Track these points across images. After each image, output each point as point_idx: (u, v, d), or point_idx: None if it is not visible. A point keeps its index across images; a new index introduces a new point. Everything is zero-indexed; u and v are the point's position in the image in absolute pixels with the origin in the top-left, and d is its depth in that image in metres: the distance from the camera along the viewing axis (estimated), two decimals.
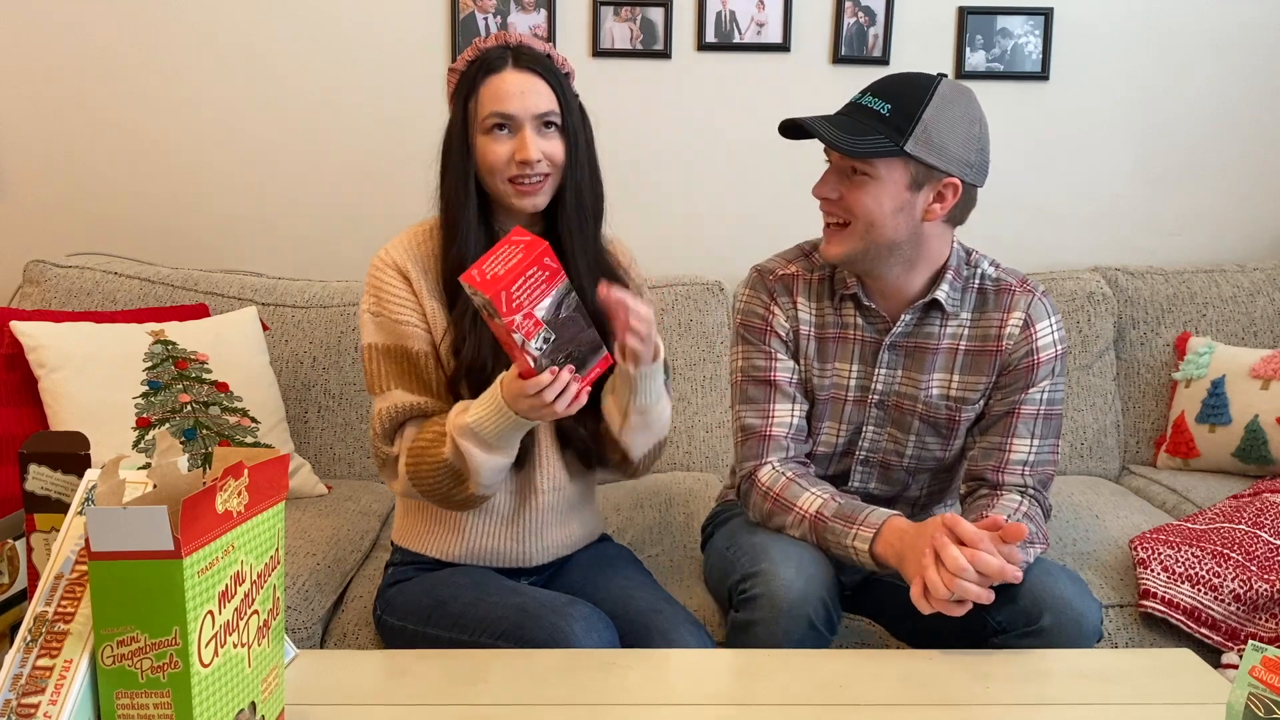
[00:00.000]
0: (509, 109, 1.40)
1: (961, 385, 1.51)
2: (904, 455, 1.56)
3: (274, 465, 0.99)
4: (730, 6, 2.43)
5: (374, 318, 1.46)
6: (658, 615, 1.41)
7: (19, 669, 0.87)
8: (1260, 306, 2.35)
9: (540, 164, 1.41)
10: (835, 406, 1.56)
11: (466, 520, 1.52)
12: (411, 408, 1.44)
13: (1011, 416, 1.49)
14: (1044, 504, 1.50)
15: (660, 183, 2.50)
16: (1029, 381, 1.49)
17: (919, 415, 1.53)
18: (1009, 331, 1.49)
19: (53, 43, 2.41)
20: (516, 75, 1.41)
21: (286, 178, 2.49)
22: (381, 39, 2.43)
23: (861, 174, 1.40)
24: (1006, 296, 1.51)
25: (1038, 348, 1.49)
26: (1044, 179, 2.55)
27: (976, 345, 1.51)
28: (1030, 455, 1.49)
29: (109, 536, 0.83)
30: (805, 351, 1.55)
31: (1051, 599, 1.37)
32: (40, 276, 2.21)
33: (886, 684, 1.19)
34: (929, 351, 1.51)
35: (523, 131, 1.40)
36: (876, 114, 1.39)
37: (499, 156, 1.40)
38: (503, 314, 1.21)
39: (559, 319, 1.26)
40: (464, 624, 1.40)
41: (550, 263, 1.24)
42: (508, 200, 1.43)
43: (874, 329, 1.53)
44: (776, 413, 1.53)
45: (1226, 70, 2.53)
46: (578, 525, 1.59)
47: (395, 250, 1.47)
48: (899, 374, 1.53)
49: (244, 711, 0.94)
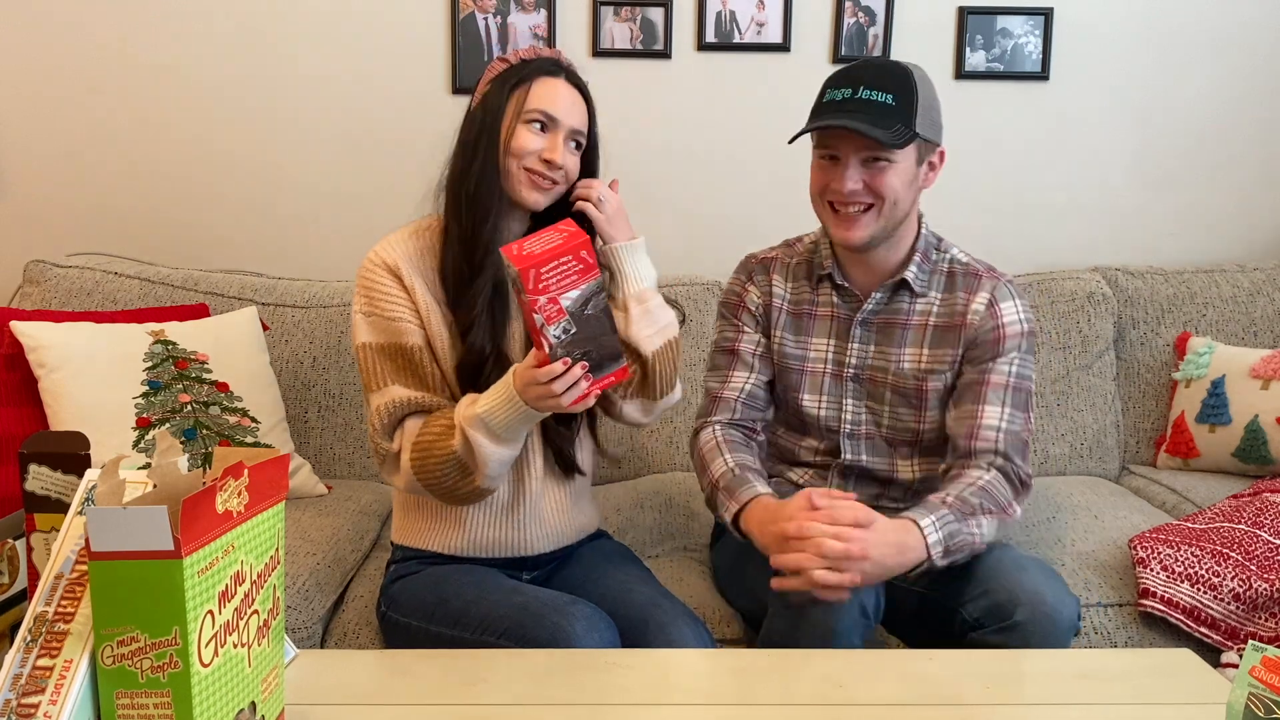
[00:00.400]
0: (556, 112, 1.46)
1: (930, 359, 1.58)
2: (881, 426, 1.63)
3: (274, 465, 0.99)
4: (730, 6, 2.43)
5: (366, 318, 1.48)
6: (656, 609, 1.42)
7: (19, 669, 0.87)
8: (1260, 306, 2.35)
9: (559, 171, 1.47)
10: (814, 379, 1.64)
11: (466, 512, 1.53)
12: (410, 402, 1.46)
13: (982, 385, 1.55)
14: (1016, 473, 1.52)
15: (660, 183, 2.50)
16: (996, 353, 1.55)
17: (890, 386, 1.60)
18: (975, 309, 1.57)
19: (53, 43, 2.41)
20: (569, 88, 1.49)
21: (287, 178, 2.49)
22: (382, 39, 2.43)
23: (883, 160, 1.47)
24: (974, 280, 1.59)
25: (1003, 323, 1.56)
26: (1044, 179, 2.55)
27: (944, 321, 1.58)
28: (1001, 422, 1.53)
29: (109, 536, 0.83)
30: (777, 323, 1.65)
31: (1025, 594, 1.38)
32: (40, 276, 2.21)
33: (886, 684, 1.19)
34: (899, 327, 1.59)
35: (557, 135, 1.46)
36: (885, 105, 1.46)
37: (530, 145, 1.45)
38: (528, 291, 1.24)
39: (583, 314, 1.28)
40: (466, 622, 1.41)
41: (587, 257, 1.27)
42: (515, 187, 1.47)
43: (847, 306, 1.62)
44: (733, 378, 1.64)
45: (1226, 70, 2.53)
46: (575, 515, 1.61)
47: (384, 250, 1.50)
48: (871, 349, 1.61)
49: (244, 711, 0.94)
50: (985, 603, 1.40)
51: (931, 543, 1.37)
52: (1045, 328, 2.28)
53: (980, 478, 1.49)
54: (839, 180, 1.48)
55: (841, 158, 1.49)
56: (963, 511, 1.42)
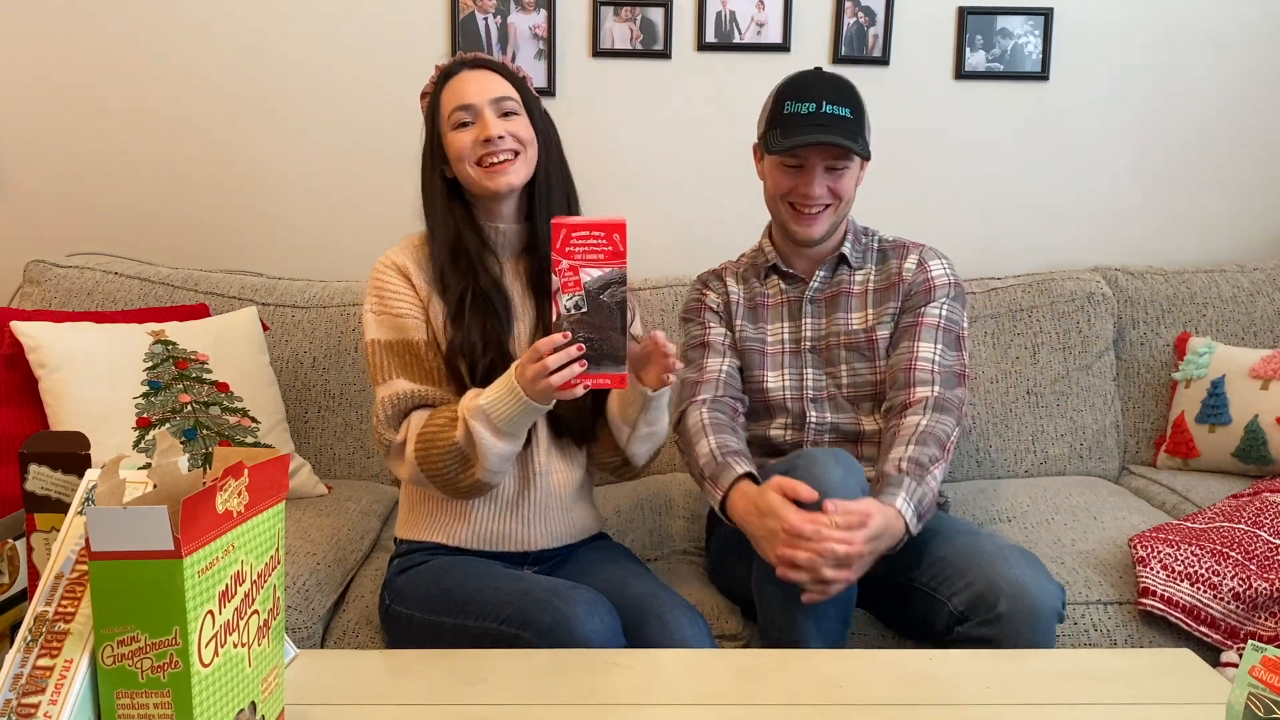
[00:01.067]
0: (467, 99, 1.51)
1: (875, 315, 1.73)
2: (841, 386, 1.73)
3: (274, 465, 0.99)
4: (730, 6, 2.43)
5: (376, 315, 1.55)
6: (654, 600, 1.44)
7: (19, 669, 0.87)
8: (1260, 306, 2.35)
9: (504, 140, 1.50)
10: (775, 358, 1.76)
11: (471, 505, 1.56)
12: (414, 395, 1.51)
13: (916, 326, 1.69)
14: (953, 404, 1.63)
15: (660, 183, 2.50)
16: (928, 300, 1.71)
17: (843, 346, 1.73)
18: (907, 268, 1.74)
19: (53, 43, 2.41)
20: (472, 73, 1.54)
21: (287, 178, 2.49)
22: (382, 39, 2.43)
23: (842, 168, 1.65)
24: (902, 250, 1.77)
25: (932, 277, 1.72)
26: (1044, 179, 2.55)
27: (882, 283, 1.75)
28: (935, 356, 1.66)
29: (109, 536, 0.83)
30: (737, 316, 1.78)
31: (1007, 583, 1.41)
32: (40, 276, 2.21)
33: (886, 684, 1.20)
34: (844, 295, 1.75)
35: (482, 116, 1.51)
36: (847, 120, 1.62)
37: (464, 143, 1.51)
38: (554, 249, 1.27)
39: (598, 300, 1.30)
40: (469, 609, 1.42)
41: (618, 240, 1.29)
42: (480, 184, 1.52)
43: (795, 290, 1.77)
44: (708, 365, 1.73)
45: (1226, 70, 2.53)
46: (578, 514, 1.63)
47: (395, 254, 1.57)
48: (823, 321, 1.75)
49: (244, 711, 0.94)
50: (968, 595, 1.44)
51: (909, 519, 1.46)
52: (1045, 328, 2.28)
53: (919, 423, 1.58)
54: (807, 185, 1.64)
55: (808, 165, 1.63)
56: (919, 474, 1.51)
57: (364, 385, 2.22)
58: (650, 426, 1.55)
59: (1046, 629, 1.40)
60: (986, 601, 1.41)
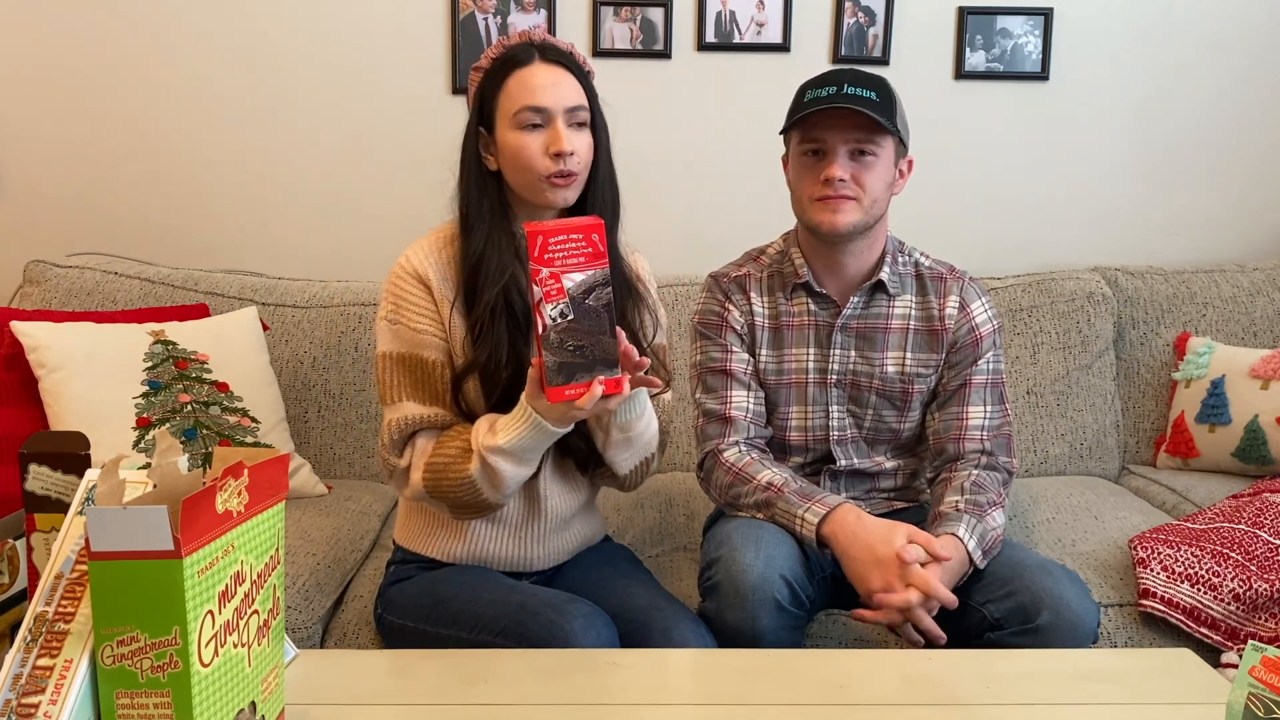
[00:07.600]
0: (541, 101, 1.38)
1: (915, 361, 1.63)
2: (862, 428, 1.66)
3: (274, 465, 0.99)
4: (730, 6, 2.43)
5: (391, 325, 1.45)
6: (657, 613, 1.41)
7: (19, 669, 0.87)
8: (1260, 306, 2.35)
9: (574, 157, 1.39)
10: (798, 390, 1.65)
11: (471, 527, 1.52)
12: (422, 420, 1.44)
13: (965, 388, 1.62)
14: (1003, 467, 1.61)
15: (660, 183, 2.50)
16: (975, 355, 1.63)
17: (874, 390, 1.64)
18: (949, 313, 1.63)
19: (53, 43, 2.41)
20: (545, 68, 1.41)
21: (287, 178, 2.49)
22: (382, 39, 2.43)
23: (870, 154, 1.52)
24: (940, 283, 1.65)
25: (976, 324, 1.63)
26: (1044, 179, 2.55)
27: (923, 325, 1.64)
28: (986, 420, 1.61)
29: (109, 536, 0.83)
30: (761, 342, 1.65)
31: (1051, 598, 1.39)
32: (40, 276, 2.21)
33: (886, 684, 1.19)
34: (880, 331, 1.63)
35: (555, 124, 1.38)
36: (871, 100, 1.50)
37: (533, 151, 1.38)
38: (532, 259, 1.21)
39: (584, 304, 1.23)
40: (463, 621, 1.40)
41: (597, 240, 1.23)
42: (540, 196, 1.41)
43: (826, 313, 1.64)
44: (734, 398, 1.63)
45: (1226, 70, 2.52)
46: (579, 530, 1.60)
47: (416, 257, 1.45)
48: (853, 354, 1.64)
49: (244, 711, 0.94)
50: (1009, 604, 1.42)
51: (971, 549, 1.45)
52: (1045, 328, 2.28)
53: (970, 475, 1.57)
54: (829, 167, 1.51)
55: (829, 148, 1.52)
56: (978, 513, 1.50)
57: (364, 385, 2.21)
58: (624, 433, 1.42)
59: (1082, 647, 1.39)
60: (1027, 613, 1.40)
